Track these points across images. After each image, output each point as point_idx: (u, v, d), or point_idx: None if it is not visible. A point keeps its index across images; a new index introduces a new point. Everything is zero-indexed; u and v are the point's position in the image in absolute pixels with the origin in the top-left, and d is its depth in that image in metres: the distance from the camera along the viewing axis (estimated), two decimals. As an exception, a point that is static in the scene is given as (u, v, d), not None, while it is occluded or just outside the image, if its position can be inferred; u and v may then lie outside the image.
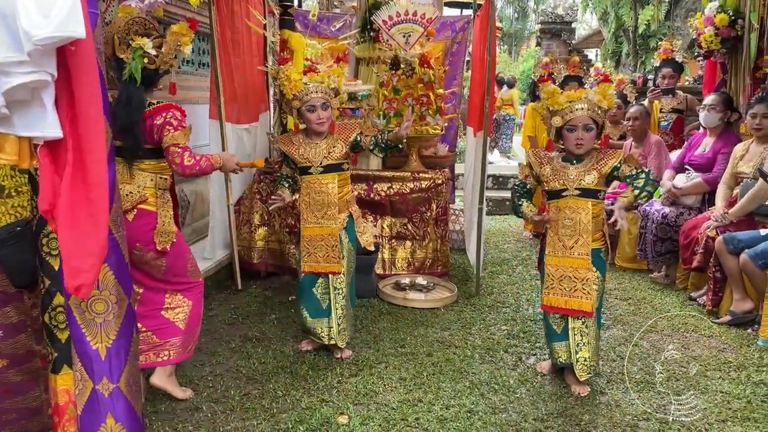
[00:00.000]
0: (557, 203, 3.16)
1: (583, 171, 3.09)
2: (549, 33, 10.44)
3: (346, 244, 3.59)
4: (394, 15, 4.77)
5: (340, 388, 3.18)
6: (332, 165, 3.48)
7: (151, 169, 2.82)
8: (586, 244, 3.08)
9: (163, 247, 2.82)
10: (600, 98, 3.04)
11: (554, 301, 3.19)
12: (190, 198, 5.46)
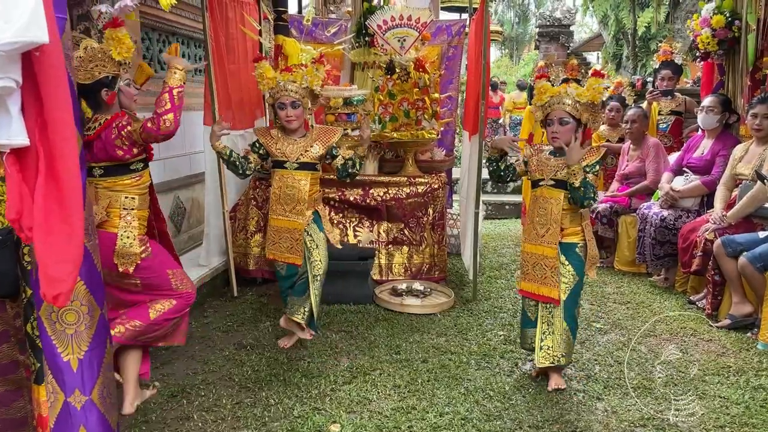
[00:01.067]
0: (535, 192, 3.25)
1: (562, 163, 3.12)
2: (547, 36, 10.42)
3: (319, 234, 3.69)
4: (388, 19, 4.75)
5: (334, 396, 3.15)
6: (307, 163, 3.59)
7: (116, 187, 2.76)
8: (555, 234, 3.12)
9: (125, 269, 2.74)
10: (579, 92, 3.06)
11: (528, 286, 3.25)
12: (186, 205, 5.44)
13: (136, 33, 4.85)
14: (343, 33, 5.35)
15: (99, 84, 2.66)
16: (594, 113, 3.13)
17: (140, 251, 2.77)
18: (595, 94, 3.07)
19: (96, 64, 2.63)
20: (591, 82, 3.07)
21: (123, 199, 2.76)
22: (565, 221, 3.14)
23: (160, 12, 5.22)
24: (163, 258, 2.94)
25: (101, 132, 2.68)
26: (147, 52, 5.25)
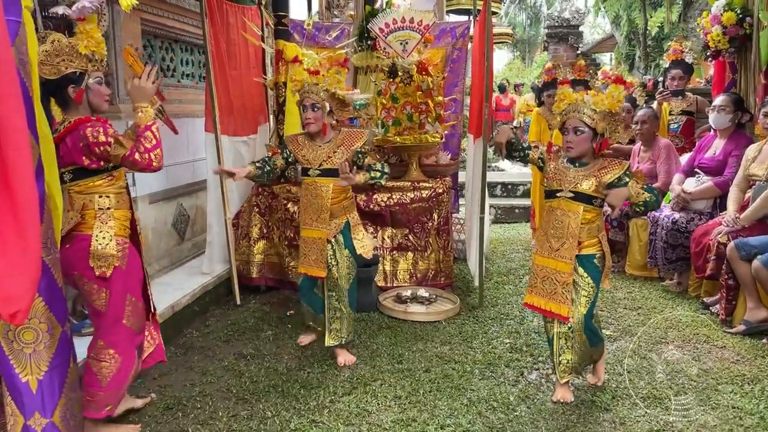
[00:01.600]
0: (551, 203, 3.10)
1: (582, 175, 2.99)
2: (556, 37, 10.26)
3: (343, 251, 3.57)
4: (390, 22, 4.69)
5: (332, 408, 3.07)
6: (330, 169, 3.49)
7: (89, 190, 2.60)
8: (572, 249, 2.99)
9: (102, 272, 2.55)
10: (596, 100, 2.92)
11: (535, 300, 3.13)
12: (190, 212, 5.41)
13: (138, 40, 4.84)
14: (346, 37, 5.28)
15: (65, 80, 2.52)
16: (613, 123, 2.96)
17: (118, 253, 2.59)
18: (614, 102, 2.90)
19: (62, 59, 2.49)
20: (611, 89, 2.90)
21: (97, 199, 2.60)
22: (583, 234, 3.00)
23: (162, 19, 5.20)
24: (132, 277, 2.71)
25: (66, 135, 2.53)
26: (149, 59, 5.22)
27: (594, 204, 2.99)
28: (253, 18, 5.07)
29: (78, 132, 2.51)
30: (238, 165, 5.03)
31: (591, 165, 3.00)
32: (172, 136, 5.15)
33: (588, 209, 2.98)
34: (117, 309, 2.64)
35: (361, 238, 3.65)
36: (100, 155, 2.53)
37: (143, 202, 4.67)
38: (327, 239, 3.53)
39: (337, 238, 3.56)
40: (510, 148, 3.24)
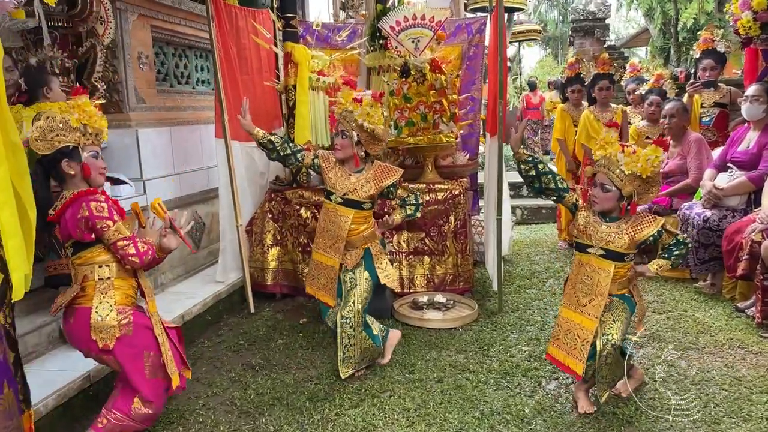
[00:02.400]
0: (580, 257, 2.94)
1: (614, 232, 2.81)
2: (581, 31, 9.95)
3: (362, 274, 3.45)
4: (401, 20, 4.55)
5: (337, 422, 2.94)
6: (352, 201, 3.39)
7: (88, 261, 2.56)
8: (598, 307, 2.83)
9: (104, 344, 2.50)
10: (627, 161, 2.70)
11: (556, 353, 3.00)
12: (205, 220, 5.36)
13: (148, 48, 4.81)
14: (358, 37, 5.16)
15: (59, 154, 2.51)
16: (646, 186, 2.75)
17: (118, 323, 2.54)
18: (647, 167, 2.68)
19: (56, 134, 2.48)
20: (649, 151, 2.68)
21: (97, 269, 2.56)
22: (613, 289, 2.85)
23: (174, 26, 5.18)
24: (144, 336, 2.64)
25: (64, 212, 2.52)
26: (162, 67, 5.19)
27: (625, 260, 2.84)
28: (264, 21, 4.99)
29: (79, 204, 2.49)
30: (251, 171, 4.98)
31: (623, 220, 2.84)
32: (185, 142, 5.15)
33: (620, 266, 2.83)
34: (135, 372, 2.61)
35: (385, 267, 3.50)
36: (97, 231, 2.50)
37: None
38: (348, 268, 3.43)
39: (358, 266, 3.45)
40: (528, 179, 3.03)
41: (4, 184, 1.79)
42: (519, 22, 17.08)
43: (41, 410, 2.80)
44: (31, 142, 2.46)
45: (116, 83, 4.55)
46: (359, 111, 3.29)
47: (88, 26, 4.19)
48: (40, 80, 3.60)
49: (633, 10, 22.97)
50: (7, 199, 1.80)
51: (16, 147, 1.88)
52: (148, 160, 4.61)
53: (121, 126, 4.55)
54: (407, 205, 3.47)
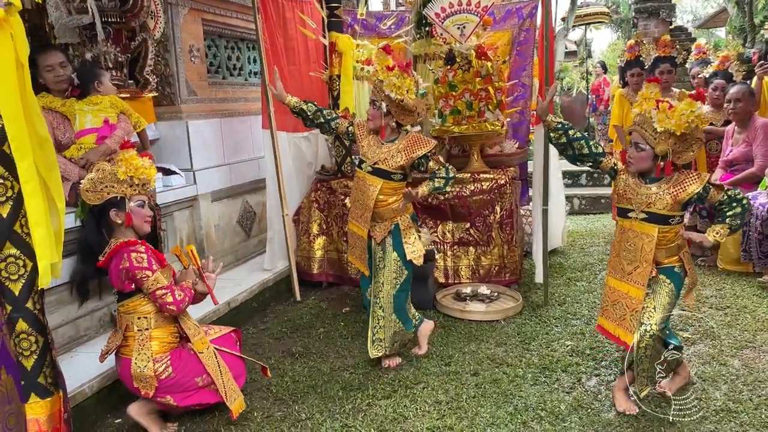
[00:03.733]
0: (622, 222, 2.83)
1: (655, 193, 2.68)
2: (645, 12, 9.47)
3: (390, 254, 3.39)
4: (447, 6, 4.46)
5: (368, 412, 2.94)
6: (382, 170, 3.36)
7: (129, 311, 2.71)
8: (645, 273, 2.70)
9: (145, 392, 2.66)
10: (660, 118, 2.56)
11: (606, 324, 2.90)
12: (256, 209, 5.46)
13: (199, 41, 4.92)
14: (405, 24, 5.11)
15: (108, 204, 2.67)
16: (683, 144, 2.59)
17: (155, 373, 2.67)
18: (681, 123, 2.51)
19: (105, 185, 2.65)
20: (684, 106, 2.51)
21: (136, 320, 2.70)
22: (660, 256, 2.72)
23: (226, 18, 5.27)
24: (186, 371, 2.76)
25: (110, 260, 2.67)
26: (214, 59, 5.31)
27: (671, 223, 2.68)
28: (311, 12, 5.01)
29: (121, 255, 2.62)
30: (298, 161, 5.04)
31: (665, 180, 2.69)
32: (235, 133, 5.25)
33: (665, 230, 2.68)
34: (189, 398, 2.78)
35: (413, 242, 3.42)
36: (137, 281, 2.63)
37: (205, 200, 4.76)
38: (376, 242, 3.41)
39: (386, 240, 3.40)
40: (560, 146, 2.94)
41: (31, 175, 1.87)
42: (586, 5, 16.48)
43: (86, 391, 2.95)
44: (82, 193, 2.64)
45: (168, 76, 4.69)
46: (387, 81, 3.22)
47: (140, 21, 4.32)
48: (91, 75, 3.74)
49: (710, -11, 21.82)
50: (34, 190, 1.88)
51: (43, 140, 1.96)
52: (198, 150, 4.74)
53: (172, 118, 4.69)
54: (436, 178, 3.34)
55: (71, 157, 3.59)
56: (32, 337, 1.96)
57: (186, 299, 2.74)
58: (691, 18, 30.76)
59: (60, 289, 3.30)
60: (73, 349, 3.39)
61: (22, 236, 1.91)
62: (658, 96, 2.65)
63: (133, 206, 2.72)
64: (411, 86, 3.25)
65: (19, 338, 1.94)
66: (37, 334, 1.96)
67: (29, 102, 1.90)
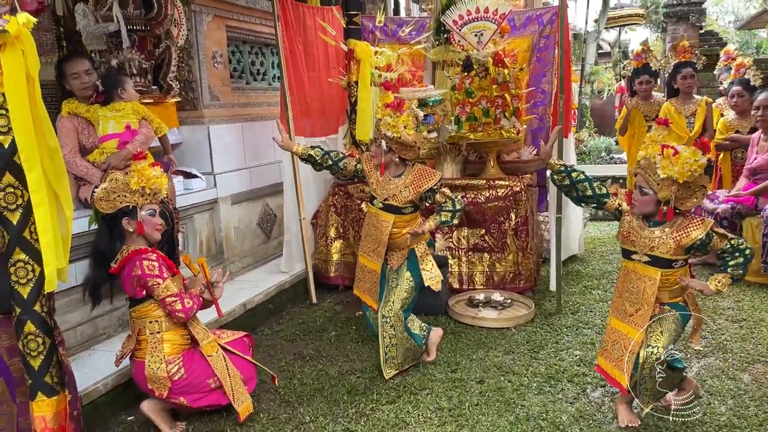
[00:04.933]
0: (626, 264, 2.83)
1: (658, 237, 2.67)
2: (675, 16, 9.29)
3: (404, 274, 3.44)
4: (464, 14, 4.48)
5: (371, 416, 2.99)
6: (392, 206, 3.39)
7: (142, 316, 2.80)
8: (645, 316, 2.69)
9: (159, 393, 2.76)
10: (663, 164, 2.54)
11: (604, 364, 2.90)
12: (276, 212, 5.56)
13: (223, 47, 5.03)
14: (425, 31, 5.14)
15: (120, 213, 2.77)
16: (687, 191, 2.57)
17: (168, 374, 2.76)
18: (684, 171, 2.49)
19: (117, 195, 2.75)
20: (689, 154, 2.49)
21: (148, 324, 2.80)
22: (663, 297, 2.72)
23: (250, 25, 5.38)
24: (198, 372, 2.85)
25: (124, 265, 2.76)
26: (238, 65, 5.42)
27: (674, 267, 2.67)
28: (331, 19, 5.08)
29: (133, 263, 2.73)
30: (313, 165, 5.10)
31: (669, 223, 2.68)
32: (257, 137, 5.35)
33: (668, 273, 2.67)
34: (201, 399, 2.88)
35: (430, 269, 3.45)
36: (148, 288, 2.73)
37: (225, 203, 4.87)
38: (393, 269, 3.46)
39: (402, 266, 3.44)
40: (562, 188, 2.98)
41: (39, 185, 1.97)
42: (620, 6, 16.27)
43: (101, 388, 3.06)
44: (96, 201, 2.75)
45: (191, 82, 4.81)
46: (383, 121, 3.25)
47: (164, 29, 4.45)
48: (115, 82, 3.86)
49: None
50: (42, 199, 1.98)
51: (53, 151, 2.06)
52: (219, 154, 4.85)
53: (194, 122, 4.81)
54: (443, 212, 3.36)
55: (94, 161, 3.72)
56: (39, 338, 2.06)
57: (195, 307, 2.83)
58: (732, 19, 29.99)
59: (79, 289, 3.42)
60: (92, 347, 3.52)
61: (31, 242, 2.01)
62: (665, 140, 2.64)
63: (145, 215, 2.82)
64: (408, 122, 3.25)
65: (27, 339, 2.04)
66: (44, 335, 2.07)
67: (40, 115, 2.00)
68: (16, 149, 1.94)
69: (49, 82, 3.99)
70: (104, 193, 2.72)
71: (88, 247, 3.32)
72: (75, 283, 3.39)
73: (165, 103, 4.47)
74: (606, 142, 11.72)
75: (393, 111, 3.25)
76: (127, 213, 2.78)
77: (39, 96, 2.00)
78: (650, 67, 5.44)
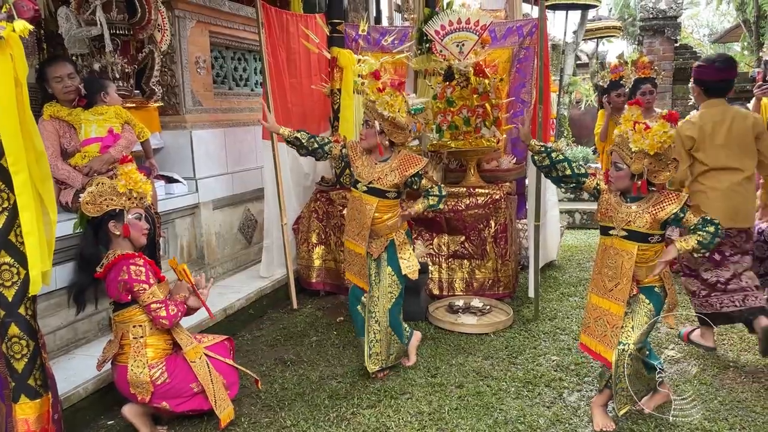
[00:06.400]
0: (604, 241, 2.91)
1: (635, 211, 2.76)
2: (650, 30, 9.50)
3: (385, 269, 3.49)
4: (446, 24, 4.56)
5: (352, 420, 3.02)
6: (377, 189, 3.43)
7: (125, 320, 2.81)
8: (625, 290, 2.77)
9: (142, 398, 2.76)
10: (635, 138, 2.65)
11: (588, 341, 2.97)
12: (257, 217, 5.56)
13: (206, 52, 5.04)
14: (406, 40, 5.21)
15: (107, 216, 2.79)
16: (658, 164, 2.67)
17: (150, 379, 2.76)
18: (654, 144, 2.60)
19: (104, 198, 2.77)
20: (658, 127, 2.61)
21: (131, 329, 2.80)
22: (641, 274, 2.80)
23: (233, 31, 5.40)
24: (181, 377, 2.86)
25: (111, 269, 2.77)
26: (221, 70, 5.44)
27: (650, 242, 2.76)
28: (315, 26, 5.13)
29: (120, 267, 2.74)
30: (296, 172, 5.14)
31: (645, 199, 2.78)
32: (239, 142, 5.37)
33: (644, 248, 2.75)
34: (184, 404, 2.88)
35: (408, 258, 3.50)
36: (134, 293, 2.74)
37: (206, 208, 4.87)
38: (372, 257, 3.50)
39: (382, 255, 3.49)
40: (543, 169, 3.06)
41: (26, 189, 1.99)
42: (598, 18, 16.54)
43: (81, 393, 3.06)
44: (82, 205, 2.75)
45: (173, 86, 4.81)
46: (380, 100, 3.31)
47: (147, 33, 4.45)
48: (98, 86, 3.85)
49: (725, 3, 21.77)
50: (28, 202, 1.99)
51: (39, 154, 2.07)
52: (201, 159, 4.85)
53: (177, 127, 4.81)
54: (430, 196, 3.44)
55: (75, 165, 3.71)
56: (23, 341, 2.07)
57: (178, 314, 2.84)
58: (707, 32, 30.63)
59: (60, 292, 3.41)
60: (71, 352, 3.50)
61: (17, 245, 2.02)
62: (639, 118, 2.73)
63: (131, 218, 2.84)
64: (402, 105, 3.33)
65: (11, 342, 2.04)
66: (28, 338, 2.07)
67: (27, 119, 2.01)
68: (2, 153, 1.95)
69: (29, 85, 3.97)
70: (91, 197, 2.73)
71: (69, 251, 3.32)
72: (55, 287, 3.37)
73: (147, 107, 4.47)
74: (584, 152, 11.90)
75: (393, 90, 3.32)
76: (114, 216, 2.79)
77: (27, 100, 2.01)
78: (622, 79, 5.50)
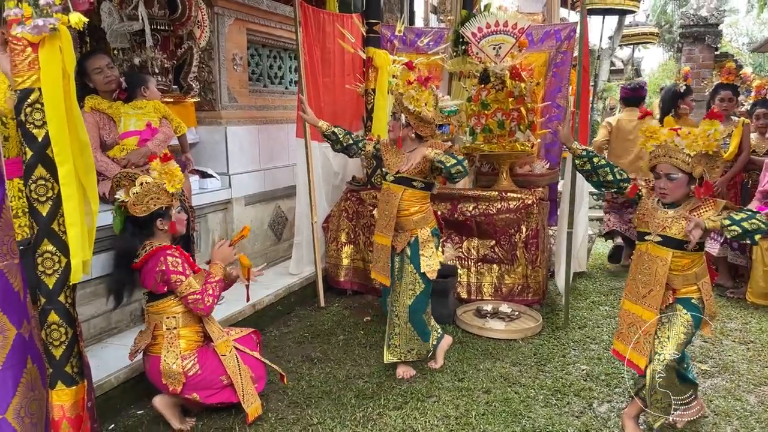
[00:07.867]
0: (640, 246, 2.86)
1: (671, 218, 2.70)
2: (690, 38, 9.31)
3: (408, 266, 3.48)
4: (483, 26, 4.53)
5: (378, 421, 3.02)
6: (403, 178, 3.43)
7: (159, 311, 2.86)
8: (658, 297, 2.71)
9: (173, 388, 2.79)
10: (689, 142, 2.59)
11: (620, 348, 2.89)
12: (288, 215, 5.60)
13: (243, 50, 5.09)
14: (442, 42, 5.19)
15: (155, 215, 2.84)
16: (712, 162, 2.62)
17: (183, 370, 2.80)
18: (710, 143, 2.57)
19: (150, 198, 2.81)
20: (705, 127, 2.58)
21: (165, 320, 2.85)
22: (677, 282, 2.73)
23: (270, 29, 5.44)
24: (212, 369, 2.90)
25: (147, 260, 2.81)
26: (256, 67, 5.48)
27: (686, 248, 2.68)
28: (351, 27, 5.14)
29: (158, 258, 2.78)
30: (326, 171, 5.16)
31: (682, 206, 2.71)
32: (272, 139, 5.40)
33: (679, 255, 2.69)
34: (214, 396, 2.91)
35: (429, 256, 3.47)
36: (171, 284, 2.80)
37: (239, 204, 4.92)
38: (397, 251, 3.50)
39: (405, 251, 3.49)
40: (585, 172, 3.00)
41: (71, 179, 2.02)
42: (635, 24, 16.31)
43: (113, 381, 3.10)
44: (129, 207, 2.78)
45: (210, 83, 4.87)
46: (406, 94, 3.30)
47: (187, 30, 4.51)
48: (139, 80, 3.91)
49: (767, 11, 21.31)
50: (72, 193, 2.03)
51: (84, 146, 2.10)
52: (234, 155, 4.90)
53: (212, 123, 4.87)
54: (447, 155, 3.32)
55: (114, 157, 3.77)
56: (62, 328, 2.10)
57: (214, 303, 2.89)
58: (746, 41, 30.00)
59: (95, 282, 3.48)
60: (104, 340, 3.56)
61: (59, 234, 2.05)
62: (657, 128, 2.69)
63: (175, 213, 2.91)
64: (429, 99, 3.32)
65: (50, 329, 2.08)
66: (67, 326, 2.11)
67: (73, 111, 2.05)
68: (49, 142, 1.98)
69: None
70: (137, 198, 2.77)
71: (105, 242, 3.37)
72: (90, 276, 3.43)
73: (184, 102, 4.53)
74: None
75: (419, 85, 3.31)
76: (161, 214, 2.85)
77: (73, 91, 2.05)
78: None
